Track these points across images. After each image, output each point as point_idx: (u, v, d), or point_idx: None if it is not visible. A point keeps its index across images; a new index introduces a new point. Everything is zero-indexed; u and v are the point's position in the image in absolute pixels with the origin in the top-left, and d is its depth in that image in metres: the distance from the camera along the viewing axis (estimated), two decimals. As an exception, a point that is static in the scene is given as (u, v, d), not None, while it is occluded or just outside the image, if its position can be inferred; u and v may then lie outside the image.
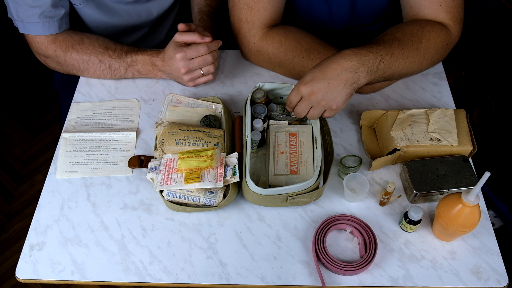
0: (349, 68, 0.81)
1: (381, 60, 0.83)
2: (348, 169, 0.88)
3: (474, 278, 0.78)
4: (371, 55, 0.83)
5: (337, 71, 0.80)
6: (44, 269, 0.80)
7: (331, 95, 0.81)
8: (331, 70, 0.81)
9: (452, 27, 0.95)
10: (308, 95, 0.81)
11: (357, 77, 0.81)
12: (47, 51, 1.01)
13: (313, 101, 0.82)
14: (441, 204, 0.77)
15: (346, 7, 1.06)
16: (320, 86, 0.80)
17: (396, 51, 0.86)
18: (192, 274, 0.79)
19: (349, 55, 0.81)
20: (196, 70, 0.99)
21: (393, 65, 0.86)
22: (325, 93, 0.81)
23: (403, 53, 0.87)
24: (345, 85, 0.81)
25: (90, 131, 0.97)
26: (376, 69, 0.83)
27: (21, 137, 1.95)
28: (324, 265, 0.79)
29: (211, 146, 0.88)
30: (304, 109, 0.84)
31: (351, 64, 0.81)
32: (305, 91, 0.81)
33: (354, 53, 0.82)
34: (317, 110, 0.83)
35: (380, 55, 0.84)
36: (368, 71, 0.82)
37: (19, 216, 1.73)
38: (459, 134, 0.89)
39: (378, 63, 0.83)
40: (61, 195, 0.89)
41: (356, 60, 0.81)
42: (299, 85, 0.82)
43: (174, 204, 0.83)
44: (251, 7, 0.97)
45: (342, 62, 0.81)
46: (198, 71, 0.99)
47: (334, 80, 0.80)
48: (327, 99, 0.81)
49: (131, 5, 1.10)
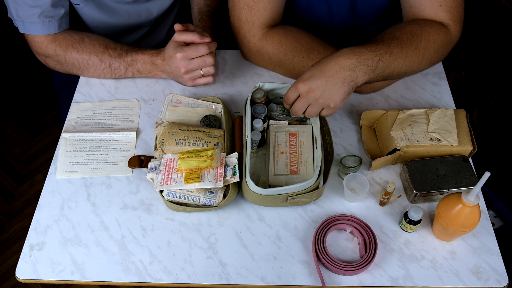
0: (348, 66, 0.80)
1: (380, 58, 0.83)
2: (348, 169, 0.88)
3: (474, 278, 0.78)
4: (370, 54, 0.83)
5: (335, 69, 0.80)
6: (44, 269, 0.80)
7: (328, 93, 0.81)
8: (329, 68, 0.81)
9: (452, 26, 0.95)
10: (305, 92, 0.81)
11: (356, 75, 0.81)
12: (47, 50, 1.02)
13: (310, 99, 0.82)
14: (441, 204, 0.77)
15: (346, 7, 1.06)
16: (318, 84, 0.80)
17: (395, 50, 0.86)
18: (192, 274, 0.79)
19: (348, 53, 0.81)
20: (196, 70, 0.99)
21: (392, 64, 0.86)
22: (322, 91, 0.81)
23: (402, 52, 0.87)
24: (343, 83, 0.81)
25: (90, 131, 0.97)
26: (375, 67, 0.83)
27: (21, 137, 1.95)
28: (324, 265, 0.79)
29: (211, 146, 0.88)
30: (301, 107, 0.84)
31: (349, 62, 0.81)
32: (302, 88, 0.81)
33: (353, 51, 0.82)
34: (314, 108, 0.83)
35: (379, 53, 0.84)
36: (366, 69, 0.82)
37: (19, 216, 1.73)
38: (459, 134, 0.89)
39: (377, 61, 0.83)
40: (61, 195, 0.89)
41: (354, 59, 0.81)
42: (297, 83, 0.82)
43: (174, 204, 0.83)
44: (251, 7, 0.97)
45: (340, 60, 0.81)
46: (198, 71, 0.99)
47: (332, 78, 0.80)
48: (324, 97, 0.81)
49: (131, 4, 1.10)
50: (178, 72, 0.98)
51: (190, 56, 0.96)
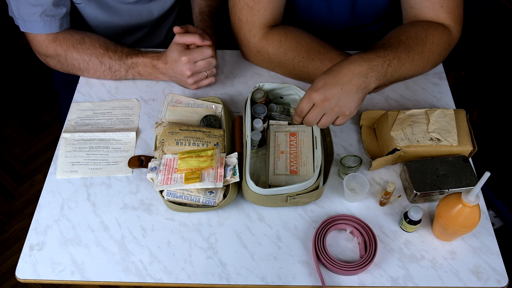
0: (360, 73, 0.80)
1: (389, 64, 0.84)
2: (348, 169, 0.88)
3: (474, 278, 0.78)
4: (380, 60, 0.83)
5: (349, 76, 0.80)
6: (44, 269, 0.80)
7: (344, 101, 0.80)
8: (342, 75, 0.80)
9: (453, 28, 0.95)
10: (321, 101, 0.79)
11: (368, 82, 0.81)
12: (47, 50, 1.02)
13: (326, 108, 0.80)
14: (441, 204, 0.77)
15: (347, 7, 1.06)
16: (333, 92, 0.79)
17: (402, 55, 0.86)
18: (192, 274, 0.79)
19: (359, 60, 0.81)
20: (201, 73, 0.99)
21: (400, 69, 0.86)
22: (338, 99, 0.79)
23: (409, 57, 0.87)
24: (358, 90, 0.80)
25: (90, 131, 0.97)
26: (385, 73, 0.84)
27: (21, 137, 1.95)
28: (324, 265, 0.79)
29: (211, 146, 0.88)
30: (316, 117, 0.82)
31: (361, 69, 0.80)
32: (317, 97, 0.79)
33: (363, 58, 0.82)
34: (329, 117, 0.81)
35: (388, 59, 0.84)
36: (377, 75, 0.82)
37: (19, 216, 1.73)
38: (459, 134, 0.89)
39: (386, 67, 0.83)
40: (61, 195, 0.89)
41: (366, 65, 0.81)
42: (311, 92, 0.80)
43: (174, 204, 0.83)
44: (251, 7, 0.97)
45: (353, 68, 0.80)
46: (202, 74, 0.99)
47: (347, 85, 0.79)
48: (340, 105, 0.80)
49: (133, 5, 1.10)
50: (182, 76, 0.98)
51: (195, 59, 0.95)
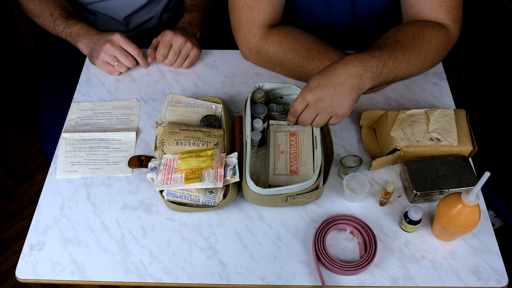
0: (354, 74, 0.81)
1: (384, 65, 0.84)
2: (348, 169, 0.88)
3: (474, 278, 0.78)
4: (375, 60, 0.83)
5: (342, 77, 0.80)
6: (44, 269, 0.80)
7: (337, 102, 0.81)
8: (336, 76, 0.80)
9: (452, 27, 0.95)
10: (314, 102, 0.81)
11: (362, 82, 0.81)
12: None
13: (319, 108, 0.81)
14: (441, 204, 0.77)
15: (346, 7, 1.06)
16: (327, 93, 0.80)
17: (398, 55, 0.86)
18: (192, 274, 0.79)
19: (353, 61, 0.81)
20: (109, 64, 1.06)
21: (396, 69, 0.86)
22: (331, 99, 0.80)
23: (405, 57, 0.87)
24: (351, 91, 0.81)
25: (90, 131, 0.97)
26: (380, 74, 0.83)
27: (21, 137, 1.95)
28: (324, 265, 0.79)
29: (211, 146, 0.88)
30: (309, 117, 0.83)
31: (355, 70, 0.81)
32: (311, 98, 0.81)
33: (358, 58, 0.82)
34: (323, 117, 0.83)
35: (383, 59, 0.84)
36: (372, 76, 0.82)
37: (19, 216, 1.73)
38: (459, 134, 0.89)
39: (381, 68, 0.83)
40: (61, 195, 0.89)
41: (360, 66, 0.81)
42: (304, 93, 0.81)
43: (174, 204, 0.83)
44: (251, 7, 0.97)
45: (347, 68, 0.81)
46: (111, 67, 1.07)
47: (340, 86, 0.80)
48: (333, 106, 0.81)
49: None
50: (98, 53, 1.04)
51: (117, 56, 1.04)
